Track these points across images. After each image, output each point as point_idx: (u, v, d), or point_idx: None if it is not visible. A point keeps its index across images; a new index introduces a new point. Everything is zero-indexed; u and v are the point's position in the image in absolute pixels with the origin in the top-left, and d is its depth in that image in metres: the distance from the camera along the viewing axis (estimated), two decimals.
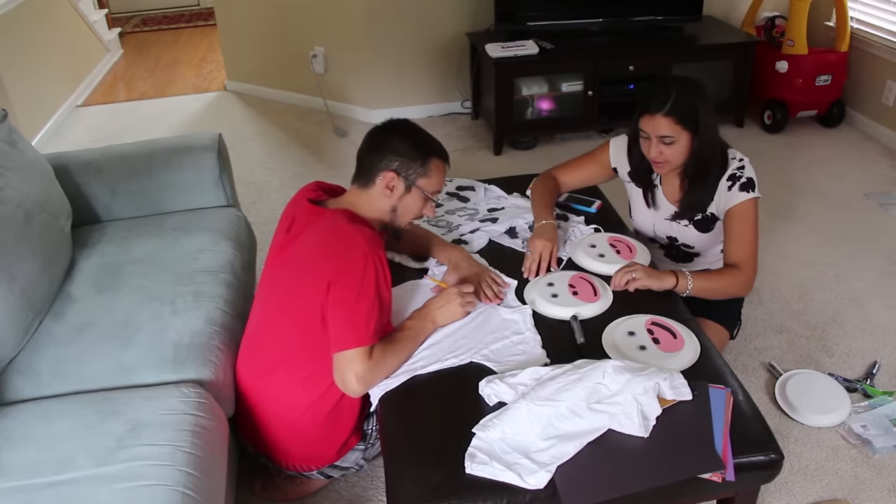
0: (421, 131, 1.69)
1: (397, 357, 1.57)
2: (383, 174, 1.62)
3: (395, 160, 1.62)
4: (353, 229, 1.54)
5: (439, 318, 1.66)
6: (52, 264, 1.90)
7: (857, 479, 1.89)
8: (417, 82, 4.12)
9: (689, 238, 2.01)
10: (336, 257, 1.52)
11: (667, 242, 2.07)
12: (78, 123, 4.39)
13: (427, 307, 1.67)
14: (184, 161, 2.28)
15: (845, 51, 3.70)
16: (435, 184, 1.67)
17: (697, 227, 1.97)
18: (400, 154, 1.62)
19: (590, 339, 1.62)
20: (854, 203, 3.20)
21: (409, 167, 1.62)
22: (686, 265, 2.10)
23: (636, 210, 2.10)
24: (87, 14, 5.02)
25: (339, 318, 1.51)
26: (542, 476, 1.29)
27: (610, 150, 2.07)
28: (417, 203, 1.66)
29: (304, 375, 1.62)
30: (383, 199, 1.64)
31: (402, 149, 1.62)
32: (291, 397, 1.65)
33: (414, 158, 1.62)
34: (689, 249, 2.05)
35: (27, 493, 1.34)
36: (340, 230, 1.55)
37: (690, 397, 1.42)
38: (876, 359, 2.28)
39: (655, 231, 2.07)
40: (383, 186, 1.62)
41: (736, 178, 1.84)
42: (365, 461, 1.81)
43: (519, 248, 1.99)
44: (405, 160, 1.62)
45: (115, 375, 1.63)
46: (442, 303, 1.66)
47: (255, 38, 4.41)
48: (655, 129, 1.78)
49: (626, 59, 3.66)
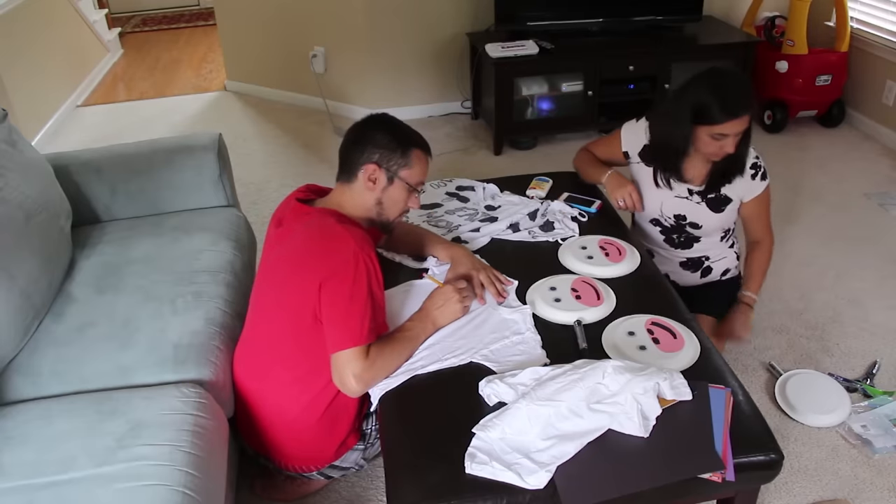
0: (400, 123, 1.68)
1: (396, 357, 1.56)
2: (365, 167, 1.61)
3: (376, 152, 1.61)
4: (341, 229, 1.54)
5: (439, 318, 1.65)
6: (52, 264, 1.90)
7: (857, 479, 1.89)
8: (417, 82, 4.13)
9: (699, 217, 2.02)
10: (326, 258, 1.51)
11: (673, 223, 2.07)
12: (78, 123, 4.39)
13: (425, 308, 1.66)
14: (184, 161, 2.28)
15: (845, 51, 3.70)
16: (417, 174, 1.65)
17: (710, 205, 2.00)
18: (380, 146, 1.61)
19: (591, 343, 1.61)
20: (854, 203, 3.20)
21: (390, 158, 1.61)
22: (685, 251, 2.11)
23: (642, 190, 2.10)
24: (87, 14, 5.02)
25: (333, 318, 1.51)
26: (542, 476, 1.29)
27: (622, 137, 2.11)
28: (401, 195, 1.65)
29: (298, 375, 1.62)
30: (367, 193, 1.63)
31: (381, 141, 1.61)
32: (287, 397, 1.65)
33: (394, 149, 1.61)
34: (696, 230, 2.05)
35: (27, 493, 1.34)
36: (329, 230, 1.55)
37: (690, 397, 1.42)
38: (876, 359, 2.28)
39: (663, 210, 2.07)
40: (366, 179, 1.61)
41: (757, 167, 1.96)
42: (365, 461, 1.82)
43: (527, 239, 2.00)
44: (386, 152, 1.61)
45: (115, 375, 1.63)
46: (440, 303, 1.66)
47: (255, 38, 4.42)
48: (738, 127, 1.81)
49: (626, 59, 3.66)
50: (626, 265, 1.87)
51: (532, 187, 2.27)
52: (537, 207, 2.14)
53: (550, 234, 2.02)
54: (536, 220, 2.09)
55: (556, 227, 2.05)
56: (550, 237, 2.01)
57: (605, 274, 1.84)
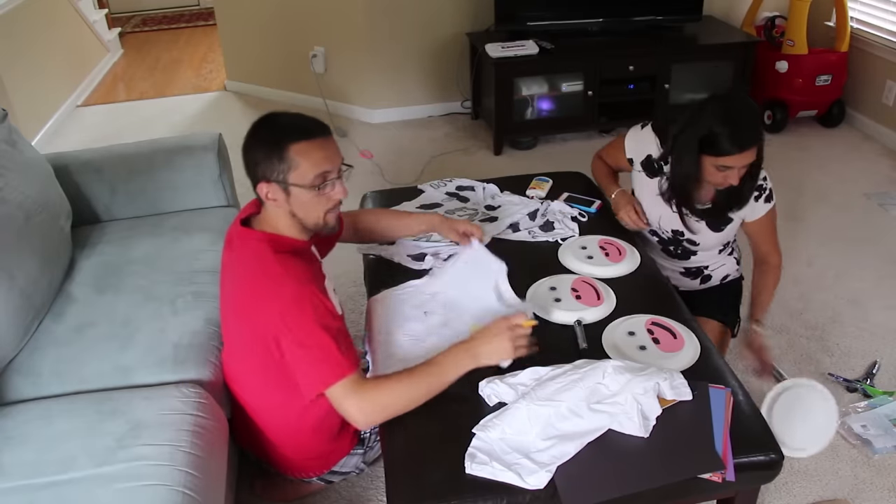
0: (272, 121, 1.47)
1: (407, 391, 1.40)
2: (259, 188, 1.44)
3: (257, 167, 1.43)
4: (278, 270, 1.41)
5: (483, 356, 1.44)
6: (52, 264, 1.90)
7: (857, 479, 1.89)
8: (417, 82, 4.12)
9: (698, 235, 2.01)
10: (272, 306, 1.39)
11: (670, 237, 2.07)
12: (78, 123, 4.39)
13: (471, 343, 1.46)
14: (184, 161, 2.28)
15: (845, 51, 3.70)
16: (310, 168, 1.42)
17: (710, 225, 1.98)
18: (258, 160, 1.42)
19: (592, 343, 1.61)
20: (854, 203, 3.20)
21: (272, 169, 1.41)
22: (683, 262, 2.10)
23: (642, 201, 2.10)
24: (87, 14, 5.02)
25: (301, 364, 1.41)
26: (543, 476, 1.29)
27: (626, 145, 2.09)
28: (308, 197, 1.44)
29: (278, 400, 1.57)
30: (278, 211, 1.47)
31: (255, 154, 1.43)
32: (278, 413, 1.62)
33: (269, 157, 1.41)
34: (693, 246, 2.05)
35: (27, 493, 1.34)
36: (267, 271, 1.42)
37: (690, 397, 1.42)
38: (876, 359, 2.28)
39: (661, 223, 2.06)
40: (266, 199, 1.45)
41: (762, 189, 1.92)
42: (365, 464, 1.81)
43: (527, 239, 2.00)
44: (265, 163, 1.42)
45: (114, 375, 1.63)
46: (489, 338, 1.45)
47: (255, 38, 4.42)
48: (745, 160, 1.74)
49: (626, 59, 3.66)
50: (626, 265, 1.87)
51: (532, 187, 2.27)
52: (537, 207, 2.14)
53: (550, 234, 2.02)
54: (536, 220, 2.09)
55: (556, 227, 2.05)
56: (550, 237, 2.01)
57: (605, 274, 1.84)
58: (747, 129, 1.73)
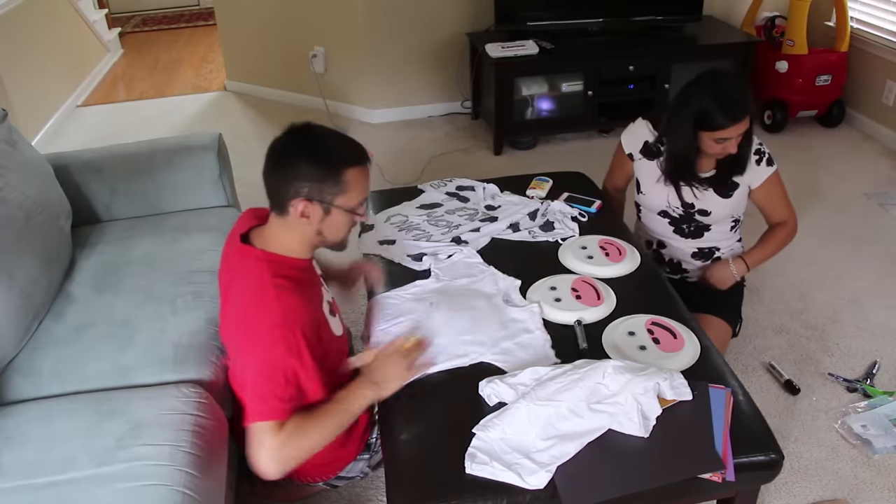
0: (325, 140, 1.44)
1: (318, 433, 1.41)
2: (294, 204, 1.39)
3: (304, 186, 1.38)
4: (271, 298, 1.38)
5: (383, 384, 1.48)
6: (52, 264, 1.90)
7: (857, 479, 1.89)
8: (417, 82, 4.12)
9: (707, 203, 2.02)
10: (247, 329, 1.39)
11: (681, 212, 2.07)
12: (78, 123, 4.39)
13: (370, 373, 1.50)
14: (184, 161, 2.28)
15: (845, 51, 3.70)
16: (357, 195, 1.43)
17: (718, 191, 2.01)
18: (307, 178, 1.38)
19: (592, 343, 1.61)
20: (854, 203, 3.20)
21: (321, 190, 1.39)
22: (696, 241, 2.11)
23: (647, 185, 2.10)
24: (87, 14, 5.02)
25: (246, 388, 1.40)
26: (543, 476, 1.29)
27: (622, 144, 2.15)
28: (343, 220, 1.44)
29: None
30: (304, 227, 1.43)
31: (308, 172, 1.38)
32: None
33: (324, 179, 1.39)
34: (705, 217, 2.05)
35: (27, 493, 1.34)
36: (258, 298, 1.40)
37: (690, 397, 1.42)
38: (876, 359, 2.28)
39: (669, 201, 2.07)
40: (298, 215, 1.40)
41: (761, 153, 2.00)
42: (370, 468, 1.79)
43: (527, 238, 2.01)
44: (315, 184, 1.38)
45: (114, 375, 1.63)
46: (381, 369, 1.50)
47: (255, 38, 4.41)
48: (739, 129, 1.84)
49: (626, 59, 3.66)
50: (626, 265, 1.87)
51: (532, 187, 2.27)
52: (537, 207, 2.14)
53: (550, 234, 2.02)
54: (536, 220, 2.09)
55: (556, 227, 2.05)
56: (550, 237, 2.01)
57: (606, 274, 1.84)
58: (737, 101, 1.82)
